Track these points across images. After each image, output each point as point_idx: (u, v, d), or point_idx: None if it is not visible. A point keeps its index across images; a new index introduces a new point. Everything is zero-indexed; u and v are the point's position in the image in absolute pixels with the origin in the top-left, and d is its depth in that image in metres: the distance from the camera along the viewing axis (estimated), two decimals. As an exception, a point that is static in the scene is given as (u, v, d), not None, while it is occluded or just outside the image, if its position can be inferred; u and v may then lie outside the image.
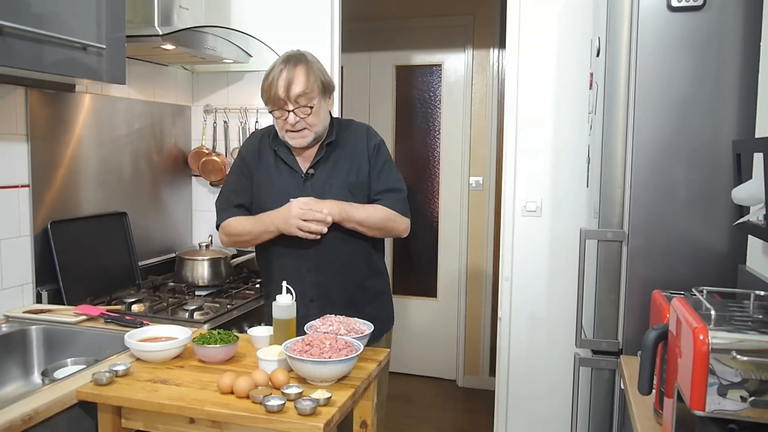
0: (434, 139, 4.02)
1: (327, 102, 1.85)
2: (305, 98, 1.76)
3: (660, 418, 1.30)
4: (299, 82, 1.76)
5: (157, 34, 2.14)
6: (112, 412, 1.44)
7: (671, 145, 1.72)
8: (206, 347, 1.57)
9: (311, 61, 1.81)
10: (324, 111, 1.83)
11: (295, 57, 1.80)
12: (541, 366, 2.68)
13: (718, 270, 1.70)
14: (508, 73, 2.65)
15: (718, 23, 1.67)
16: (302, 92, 1.76)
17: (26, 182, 2.05)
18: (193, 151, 2.88)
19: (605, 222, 1.84)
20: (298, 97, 1.76)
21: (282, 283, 1.65)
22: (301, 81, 1.76)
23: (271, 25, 2.74)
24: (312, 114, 1.79)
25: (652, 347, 1.22)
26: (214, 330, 1.64)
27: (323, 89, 1.80)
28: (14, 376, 1.81)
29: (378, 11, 3.98)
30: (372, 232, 1.85)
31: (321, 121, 1.82)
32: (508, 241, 2.67)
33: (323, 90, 1.80)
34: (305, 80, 1.76)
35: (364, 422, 1.57)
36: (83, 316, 1.93)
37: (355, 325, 1.64)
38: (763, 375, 0.96)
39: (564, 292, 2.59)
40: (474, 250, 3.93)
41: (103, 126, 2.39)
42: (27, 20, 1.61)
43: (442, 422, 3.51)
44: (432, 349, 4.07)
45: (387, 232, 1.88)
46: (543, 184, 2.62)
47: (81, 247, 2.22)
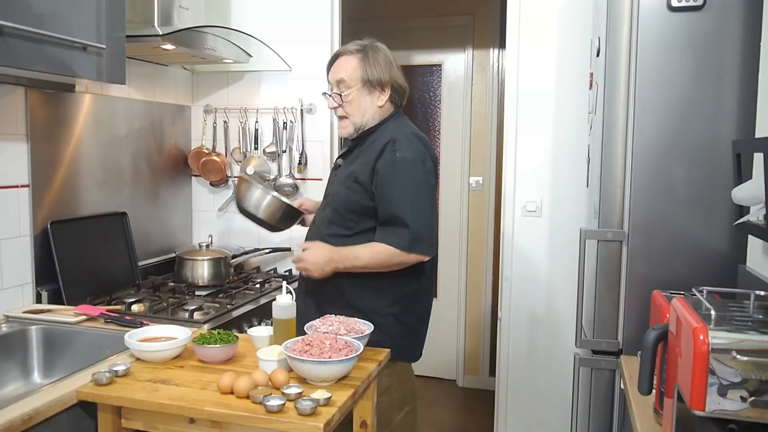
0: (434, 139, 4.02)
1: (374, 96, 1.83)
2: (343, 85, 1.82)
3: (660, 418, 1.30)
4: (342, 68, 1.82)
5: (157, 34, 2.14)
6: (112, 412, 1.43)
7: (671, 145, 1.71)
8: (206, 347, 1.57)
9: (370, 53, 1.82)
10: (366, 103, 1.83)
11: (358, 44, 1.84)
12: (541, 366, 2.68)
13: (718, 270, 1.70)
14: (508, 73, 2.65)
15: (718, 23, 1.67)
16: (340, 78, 1.82)
17: (26, 182, 2.05)
18: (193, 151, 2.88)
19: (605, 222, 1.84)
20: (338, 82, 1.83)
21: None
22: (344, 68, 1.82)
23: (271, 25, 2.74)
24: (346, 102, 1.82)
25: (652, 347, 1.22)
26: (214, 330, 1.64)
27: (366, 82, 1.81)
28: (14, 376, 1.81)
29: (378, 11, 3.98)
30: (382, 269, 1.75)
31: (359, 113, 1.83)
32: (508, 241, 2.67)
33: (366, 82, 1.81)
34: (346, 68, 1.81)
35: (364, 422, 1.57)
36: (83, 316, 1.93)
37: (355, 325, 1.64)
38: (763, 375, 0.96)
39: (564, 292, 2.59)
40: (474, 250, 3.93)
41: (103, 126, 2.39)
42: (27, 20, 1.61)
43: (442, 422, 3.51)
44: (432, 349, 4.03)
45: (399, 266, 1.74)
46: (543, 184, 2.62)
47: (81, 247, 2.22)
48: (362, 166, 1.80)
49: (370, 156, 1.79)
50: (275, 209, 2.10)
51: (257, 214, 2.10)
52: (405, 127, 1.85)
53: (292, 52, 2.74)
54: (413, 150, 1.75)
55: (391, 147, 1.75)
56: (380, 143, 1.78)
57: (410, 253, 1.71)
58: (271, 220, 2.11)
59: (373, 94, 1.83)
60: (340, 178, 1.87)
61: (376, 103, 1.84)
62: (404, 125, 1.86)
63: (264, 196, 2.11)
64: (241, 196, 2.15)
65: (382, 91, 1.83)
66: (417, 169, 1.74)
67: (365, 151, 1.83)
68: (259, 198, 2.11)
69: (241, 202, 2.14)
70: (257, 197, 2.11)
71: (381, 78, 1.81)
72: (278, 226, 2.15)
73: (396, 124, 1.85)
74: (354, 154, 1.88)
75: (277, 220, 2.12)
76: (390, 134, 1.79)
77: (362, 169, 1.79)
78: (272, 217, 2.11)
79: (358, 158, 1.85)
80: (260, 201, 2.10)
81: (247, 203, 2.12)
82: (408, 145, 1.75)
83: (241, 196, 2.15)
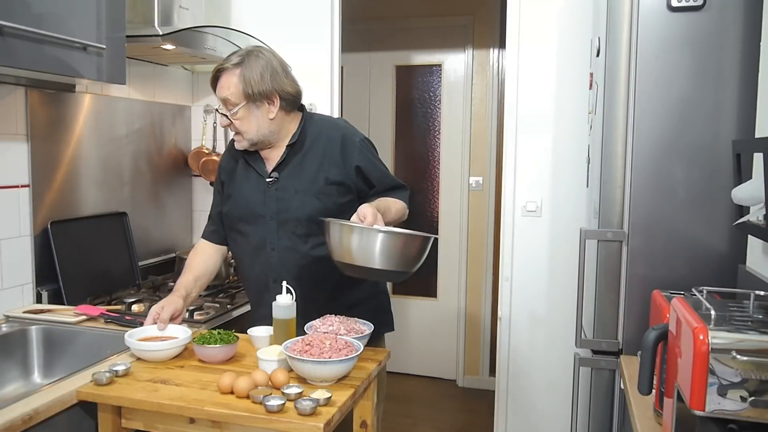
0: (434, 139, 4.02)
1: (263, 109, 1.73)
2: (229, 104, 1.72)
3: (660, 418, 1.30)
4: (224, 87, 1.72)
5: (157, 34, 2.14)
6: (112, 412, 1.43)
7: (671, 145, 1.71)
8: (206, 347, 1.57)
9: (251, 64, 1.71)
10: (257, 118, 1.73)
11: (237, 57, 1.73)
12: (541, 366, 2.68)
13: (718, 270, 1.70)
14: (508, 73, 2.65)
15: (718, 23, 1.67)
16: (225, 97, 1.72)
17: (26, 182, 2.05)
18: (193, 151, 2.88)
19: (605, 222, 1.84)
20: (224, 101, 1.73)
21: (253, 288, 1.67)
22: (225, 85, 1.71)
23: (271, 25, 2.74)
24: (237, 120, 1.72)
25: (652, 347, 1.22)
26: (214, 330, 1.64)
27: (249, 97, 1.70)
28: (14, 376, 1.81)
29: (378, 11, 3.98)
30: (394, 224, 1.74)
31: (253, 128, 1.73)
32: (508, 241, 2.67)
33: (249, 97, 1.70)
34: (228, 86, 1.71)
35: (364, 422, 1.57)
36: (83, 316, 1.93)
37: (355, 325, 1.64)
38: (763, 375, 0.96)
39: (564, 292, 2.59)
40: (474, 250, 3.93)
41: (103, 126, 2.39)
42: (27, 20, 1.61)
43: (442, 422, 3.51)
44: (432, 349, 4.07)
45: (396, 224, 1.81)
46: (543, 184, 2.62)
47: (81, 247, 2.22)
48: (327, 167, 1.77)
49: (329, 156, 1.78)
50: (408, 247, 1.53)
51: (392, 266, 1.51)
52: (327, 118, 1.94)
53: (292, 52, 2.73)
54: (357, 131, 1.87)
55: (348, 138, 1.81)
56: (328, 142, 1.79)
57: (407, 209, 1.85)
58: (407, 264, 1.54)
59: (262, 108, 1.73)
60: (295, 189, 1.77)
61: (267, 116, 1.74)
62: (326, 118, 1.94)
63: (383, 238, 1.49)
64: (349, 248, 1.52)
65: (270, 102, 1.73)
66: (371, 142, 1.88)
67: (309, 155, 1.78)
68: (382, 242, 1.49)
69: (358, 257, 1.51)
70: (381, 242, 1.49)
71: (263, 91, 1.71)
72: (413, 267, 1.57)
73: (320, 119, 1.87)
74: (293, 164, 1.79)
75: (412, 260, 1.55)
76: (330, 130, 1.82)
77: (330, 169, 1.77)
78: (408, 260, 1.54)
79: (304, 165, 1.78)
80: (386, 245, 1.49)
81: (369, 257, 1.50)
82: (354, 130, 1.86)
83: (349, 249, 1.52)
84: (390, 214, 1.72)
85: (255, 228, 1.81)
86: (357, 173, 1.79)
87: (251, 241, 1.82)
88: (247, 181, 1.84)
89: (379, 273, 1.52)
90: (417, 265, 1.56)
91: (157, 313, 1.70)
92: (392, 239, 1.49)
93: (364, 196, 1.81)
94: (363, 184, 1.81)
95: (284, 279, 1.69)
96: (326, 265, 1.66)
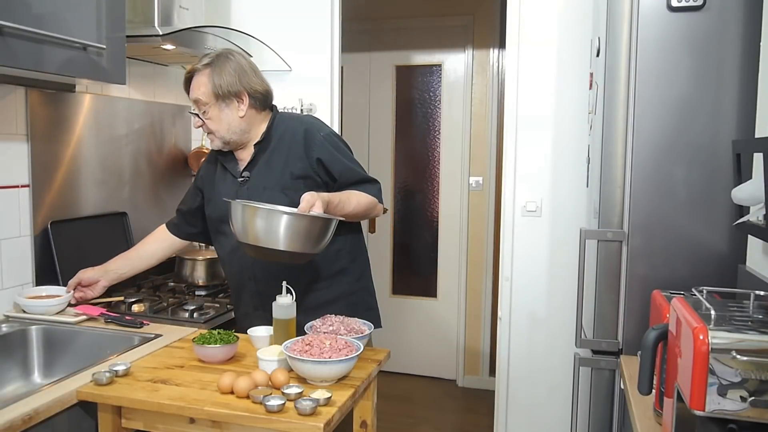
0: (434, 139, 4.02)
1: (232, 108, 1.79)
2: (200, 104, 1.79)
3: (660, 418, 1.30)
4: (195, 88, 1.79)
5: (157, 34, 2.14)
6: (112, 412, 1.43)
7: (671, 145, 1.72)
8: (206, 347, 1.57)
9: (220, 64, 1.77)
10: (228, 117, 1.79)
11: (207, 58, 1.79)
12: (541, 366, 2.68)
13: (718, 270, 1.70)
14: (508, 73, 2.65)
15: (718, 23, 1.67)
16: (196, 97, 1.79)
17: (26, 182, 2.05)
18: (193, 151, 2.88)
19: (605, 222, 1.84)
20: (195, 102, 1.80)
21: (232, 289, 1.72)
22: (196, 86, 1.78)
23: (271, 25, 2.74)
24: (209, 120, 1.79)
25: (652, 347, 1.23)
26: (214, 330, 1.64)
27: (218, 96, 1.76)
28: (14, 376, 1.81)
29: (378, 11, 3.98)
30: (350, 219, 1.80)
31: (224, 128, 1.79)
32: (508, 241, 2.67)
33: (218, 97, 1.77)
34: (198, 86, 1.78)
35: (364, 422, 1.57)
36: (83, 316, 1.93)
37: (355, 325, 1.64)
38: (763, 375, 0.96)
39: (564, 292, 2.59)
40: (474, 250, 3.93)
41: (103, 126, 2.39)
42: (27, 20, 1.61)
43: (442, 422, 3.51)
44: (432, 349, 4.07)
45: (370, 216, 1.86)
46: (543, 184, 2.62)
47: (81, 247, 2.22)
48: (291, 163, 1.80)
49: (293, 151, 1.81)
50: (300, 229, 1.55)
51: (276, 245, 1.54)
52: (296, 115, 1.96)
53: (292, 52, 2.74)
54: (323, 126, 1.88)
55: (312, 133, 1.82)
56: (292, 138, 1.82)
57: (379, 204, 1.86)
58: (302, 246, 1.56)
59: (231, 106, 1.79)
60: (264, 186, 1.81)
61: (237, 114, 1.80)
62: (294, 115, 1.96)
63: (271, 217, 1.55)
64: (246, 228, 1.57)
65: (240, 101, 1.79)
66: (340, 138, 1.90)
67: (276, 152, 1.83)
68: (269, 222, 1.54)
69: (247, 236, 1.57)
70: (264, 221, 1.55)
71: (232, 89, 1.77)
72: (310, 252, 1.60)
73: (288, 117, 1.91)
74: (261, 162, 1.84)
75: (312, 241, 1.58)
76: (295, 126, 1.85)
77: (294, 164, 1.80)
78: (303, 241, 1.56)
79: (271, 162, 1.83)
80: (272, 225, 1.54)
81: (253, 234, 1.55)
82: (319, 125, 1.87)
83: (245, 229, 1.57)
84: (348, 206, 1.74)
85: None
86: (318, 165, 1.81)
87: (230, 240, 1.83)
88: (224, 183, 1.90)
89: (283, 254, 1.55)
90: (321, 246, 1.62)
91: (79, 279, 1.98)
92: (294, 220, 1.53)
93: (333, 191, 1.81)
94: (327, 177, 1.83)
95: (257, 277, 1.79)
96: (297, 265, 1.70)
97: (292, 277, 1.75)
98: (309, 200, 1.57)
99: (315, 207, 1.57)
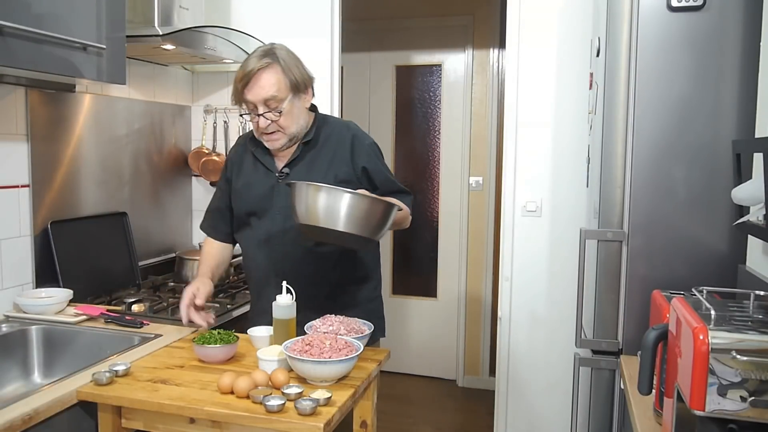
0: (434, 139, 4.02)
1: (302, 99, 1.77)
2: (274, 101, 1.70)
3: (660, 418, 1.30)
4: (266, 85, 1.69)
5: (157, 34, 2.14)
6: (112, 412, 1.43)
7: (671, 145, 1.71)
8: (206, 347, 1.57)
9: (282, 57, 1.72)
10: (298, 110, 1.76)
11: (265, 55, 1.71)
12: (541, 366, 2.68)
13: (718, 270, 1.70)
14: (508, 73, 2.65)
15: (718, 23, 1.67)
16: (270, 96, 1.69)
17: (26, 182, 2.05)
18: (193, 151, 2.88)
19: (605, 222, 1.84)
20: (266, 101, 1.70)
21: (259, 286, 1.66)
22: (268, 84, 1.69)
23: (271, 25, 2.74)
24: (283, 116, 1.72)
25: (652, 347, 1.22)
26: (215, 330, 1.65)
27: (295, 87, 1.72)
28: (14, 376, 1.81)
29: (378, 11, 3.98)
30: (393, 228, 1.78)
31: (295, 122, 1.75)
32: (508, 241, 2.67)
33: (294, 88, 1.72)
34: (273, 82, 1.69)
35: (364, 422, 1.57)
36: (83, 316, 1.93)
37: (355, 325, 1.64)
38: (763, 375, 0.96)
39: (564, 292, 2.59)
40: (474, 250, 3.93)
41: (103, 126, 2.39)
42: (27, 20, 1.61)
43: (442, 422, 3.51)
44: (432, 349, 4.07)
45: (398, 228, 1.84)
46: (543, 184, 2.62)
47: (81, 247, 2.22)
48: (336, 166, 1.80)
49: (339, 155, 1.81)
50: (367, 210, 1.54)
51: (349, 229, 1.51)
52: (338, 119, 1.95)
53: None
54: (367, 134, 1.90)
55: (360, 141, 1.85)
56: (339, 142, 1.82)
57: (410, 216, 1.85)
58: (366, 229, 1.54)
59: (302, 99, 1.77)
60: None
61: (305, 106, 1.79)
62: (337, 118, 1.95)
63: (340, 196, 1.52)
64: (308, 207, 1.54)
65: (306, 91, 1.77)
66: (379, 148, 1.91)
67: (321, 153, 1.81)
68: (341, 201, 1.51)
69: (311, 216, 1.53)
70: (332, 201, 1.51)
71: (303, 78, 1.74)
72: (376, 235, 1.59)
73: (332, 119, 1.91)
74: (306, 161, 1.81)
75: (374, 226, 1.56)
76: (342, 131, 1.85)
77: (339, 167, 1.80)
78: (368, 224, 1.54)
79: (315, 162, 1.81)
80: (345, 205, 1.51)
81: (323, 215, 1.51)
82: (364, 133, 1.89)
83: (308, 208, 1.54)
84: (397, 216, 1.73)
85: (262, 221, 1.84)
86: (363, 174, 1.82)
87: (257, 234, 1.85)
88: (256, 176, 1.86)
89: (343, 236, 1.52)
90: (380, 233, 1.59)
91: (193, 294, 1.77)
92: (358, 200, 1.51)
93: None
94: (368, 185, 1.83)
95: (286, 273, 1.72)
96: (329, 263, 1.71)
97: (320, 278, 1.78)
98: (365, 192, 1.59)
99: None
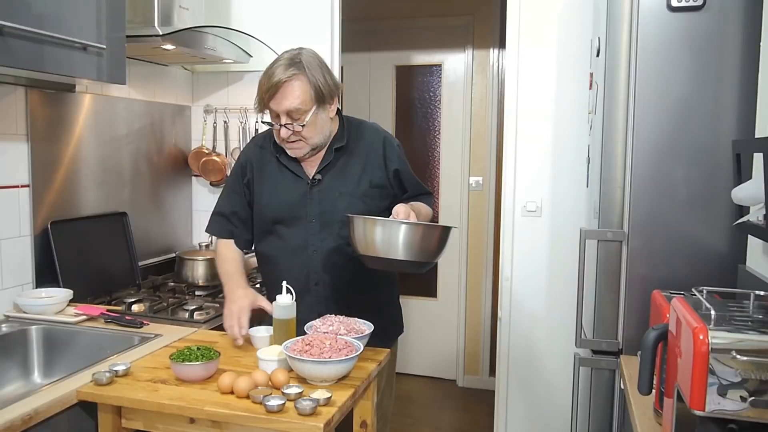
0: (434, 139, 4.02)
1: (327, 110, 1.72)
2: (297, 113, 1.66)
3: (660, 418, 1.30)
4: (290, 96, 1.64)
5: (157, 34, 2.14)
6: (112, 412, 1.43)
7: (671, 145, 1.71)
8: (184, 365, 1.43)
9: (308, 66, 1.66)
10: (322, 121, 1.71)
11: (292, 64, 1.65)
12: (541, 366, 2.68)
13: (718, 270, 1.70)
14: (508, 73, 2.65)
15: (718, 23, 1.66)
16: (294, 108, 1.65)
17: (26, 182, 2.05)
18: (193, 151, 2.88)
19: (605, 222, 1.84)
20: (289, 112, 1.66)
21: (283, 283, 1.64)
22: (292, 96, 1.64)
23: (271, 25, 2.74)
24: (306, 128, 1.67)
25: (652, 347, 1.22)
26: (193, 346, 1.52)
27: (320, 99, 1.67)
28: (14, 376, 1.81)
29: (378, 11, 3.98)
30: None
31: (318, 132, 1.72)
32: (508, 241, 2.67)
33: (320, 100, 1.67)
34: (297, 95, 1.64)
35: (364, 422, 1.57)
36: (83, 316, 1.93)
37: (355, 325, 1.64)
38: (763, 375, 0.96)
39: (564, 292, 2.59)
40: (474, 250, 3.93)
41: (103, 126, 2.39)
42: (27, 20, 1.61)
43: (442, 422, 3.51)
44: (432, 349, 4.07)
45: None
46: (543, 184, 2.62)
47: (81, 247, 2.22)
48: (370, 171, 1.79)
49: (371, 159, 1.81)
50: (426, 239, 1.57)
51: (414, 257, 1.56)
52: (365, 121, 1.90)
53: (292, 52, 2.73)
54: (393, 136, 1.90)
55: (391, 144, 1.85)
56: (370, 146, 1.82)
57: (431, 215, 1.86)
58: (427, 255, 1.59)
59: (326, 109, 1.72)
60: (339, 191, 1.77)
61: (329, 116, 1.74)
62: (364, 121, 1.90)
63: (401, 229, 1.55)
64: (371, 241, 1.57)
65: (331, 101, 1.72)
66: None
67: (353, 158, 1.79)
68: (401, 234, 1.55)
69: (379, 249, 1.56)
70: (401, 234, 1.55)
71: (329, 89, 1.69)
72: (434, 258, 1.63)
73: (358, 122, 1.87)
74: (338, 166, 1.78)
75: (432, 252, 1.60)
76: (372, 135, 1.84)
77: (374, 172, 1.80)
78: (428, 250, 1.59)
79: (347, 168, 1.79)
80: (405, 237, 1.54)
81: (390, 248, 1.55)
82: (389, 133, 1.90)
83: (371, 242, 1.57)
84: (420, 217, 1.73)
85: (295, 230, 1.79)
86: (395, 177, 1.82)
87: (289, 242, 1.79)
88: (284, 182, 1.79)
89: (403, 264, 1.57)
90: (438, 255, 1.62)
91: (238, 326, 1.66)
92: (411, 230, 1.55)
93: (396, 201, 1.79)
94: (398, 188, 1.84)
95: (326, 281, 1.77)
96: (367, 268, 1.64)
97: (360, 283, 1.80)
98: (406, 211, 1.58)
99: (411, 218, 1.58)
